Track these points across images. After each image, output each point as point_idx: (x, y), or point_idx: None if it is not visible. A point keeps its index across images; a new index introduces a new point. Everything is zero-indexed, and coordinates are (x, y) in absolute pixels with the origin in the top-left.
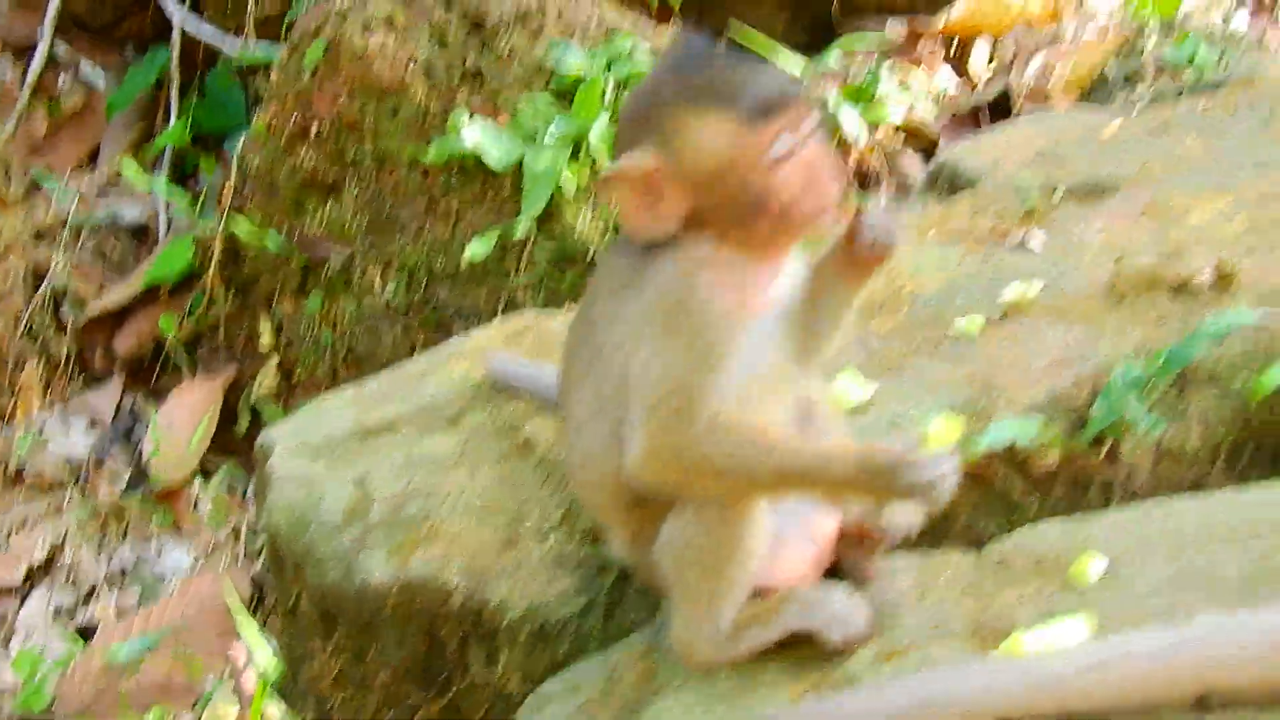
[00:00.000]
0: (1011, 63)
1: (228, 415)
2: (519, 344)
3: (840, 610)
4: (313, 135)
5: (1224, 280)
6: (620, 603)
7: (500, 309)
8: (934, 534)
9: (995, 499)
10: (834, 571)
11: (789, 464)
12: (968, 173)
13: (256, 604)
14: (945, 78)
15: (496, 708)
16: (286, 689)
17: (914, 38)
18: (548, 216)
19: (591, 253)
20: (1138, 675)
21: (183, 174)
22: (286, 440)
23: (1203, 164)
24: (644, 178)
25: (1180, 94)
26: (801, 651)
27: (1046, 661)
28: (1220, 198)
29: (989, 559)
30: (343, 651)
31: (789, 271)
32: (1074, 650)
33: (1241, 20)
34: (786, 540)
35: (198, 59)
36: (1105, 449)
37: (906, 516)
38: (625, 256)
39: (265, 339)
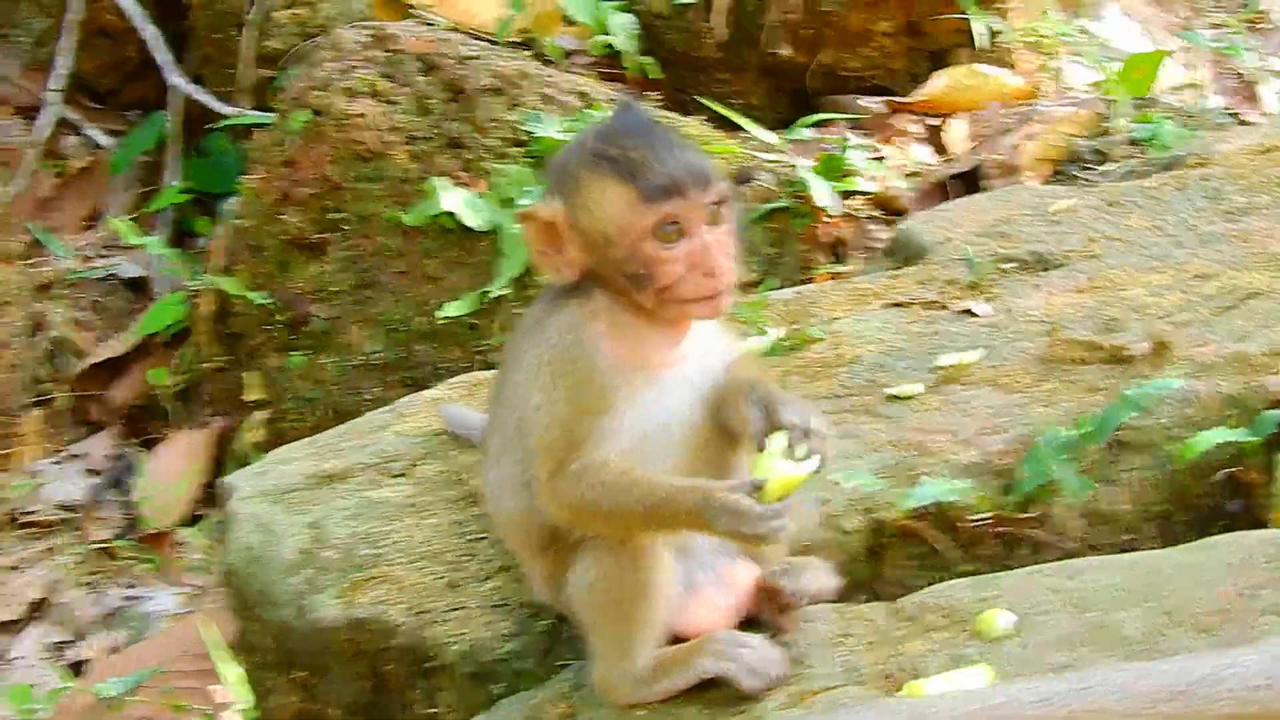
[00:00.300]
0: (983, 140)
1: (216, 465)
2: (477, 398)
3: (754, 657)
4: (297, 198)
5: (1158, 351)
6: (556, 644)
7: (477, 366)
8: (859, 588)
9: (926, 556)
10: (753, 621)
11: (647, 498)
12: (921, 243)
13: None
14: (921, 151)
15: None
16: None
17: (890, 113)
18: (525, 278)
19: None
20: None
21: (182, 233)
22: (247, 485)
23: (1146, 240)
24: (547, 225)
25: (1147, 171)
26: (717, 694)
27: (938, 703)
28: (1159, 273)
29: (903, 611)
30: (299, 688)
31: (699, 338)
32: (968, 694)
33: (1218, 99)
34: (701, 588)
35: (198, 122)
36: (1036, 511)
37: (818, 581)
38: (542, 302)
39: (253, 393)
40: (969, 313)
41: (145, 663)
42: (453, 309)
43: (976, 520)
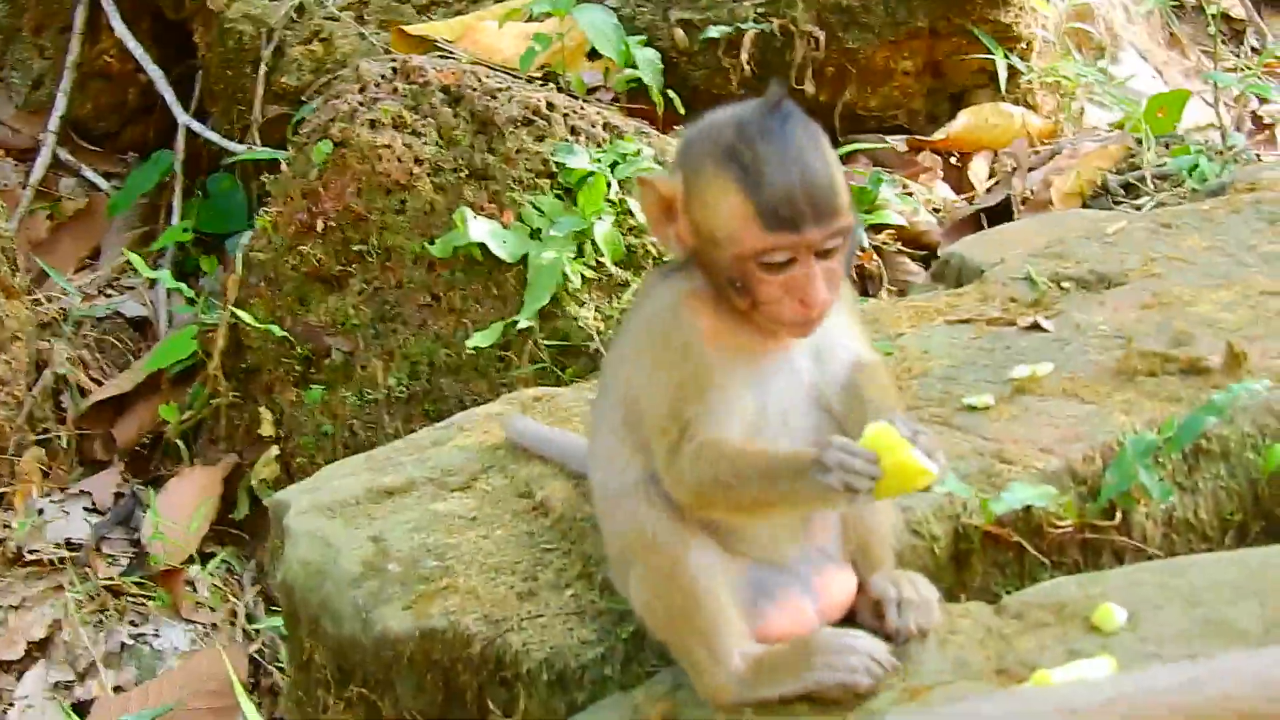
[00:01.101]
0: (1012, 173)
1: (227, 502)
2: (532, 413)
3: (862, 660)
4: (319, 230)
5: (1233, 362)
6: (639, 651)
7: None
8: (949, 594)
9: (1011, 563)
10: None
11: (761, 465)
12: (975, 265)
13: (254, 684)
14: (943, 189)
15: None
16: None
17: (912, 150)
18: (551, 310)
19: (594, 346)
20: (1163, 708)
21: (183, 272)
22: (301, 500)
23: (1206, 259)
24: (663, 198)
25: (1182, 201)
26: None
27: (1076, 691)
28: (1224, 290)
29: (1007, 610)
30: (356, 705)
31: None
32: (1100, 682)
33: (1239, 139)
34: (787, 595)
35: (200, 163)
36: (1118, 517)
37: (925, 616)
38: (656, 274)
39: (266, 428)
40: (1036, 327)
41: (159, 700)
42: (479, 339)
43: (1061, 527)
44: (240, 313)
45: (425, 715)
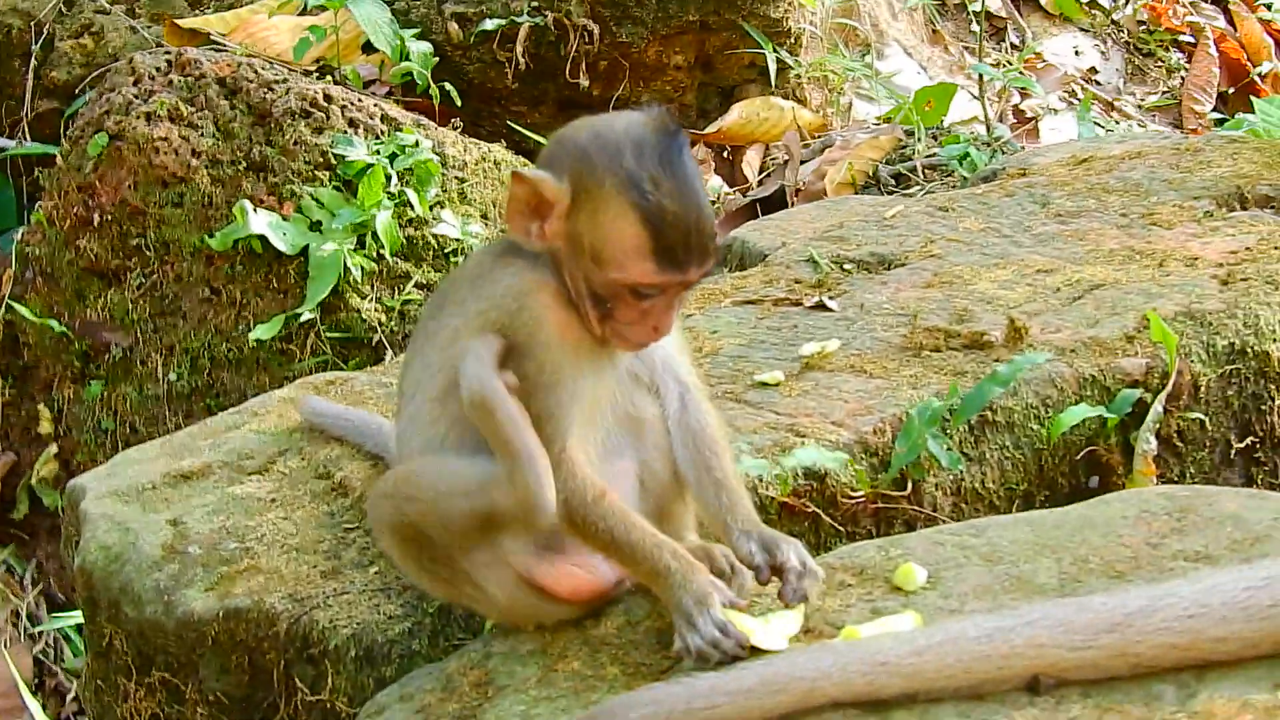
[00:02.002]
0: (785, 166)
1: (5, 502)
2: (328, 396)
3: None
4: (95, 224)
5: (1014, 336)
6: (446, 625)
7: None
8: None
9: (807, 532)
10: None
11: (621, 535)
12: (758, 249)
13: (39, 685)
14: (717, 182)
15: None
16: None
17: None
18: (333, 302)
19: (377, 337)
20: (971, 657)
21: None
22: (98, 486)
23: (983, 240)
24: (539, 196)
25: (953, 189)
26: (639, 653)
27: (886, 643)
28: (1002, 269)
29: None
30: (158, 690)
31: None
32: (909, 634)
33: (1003, 130)
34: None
35: None
36: (909, 487)
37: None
38: (489, 253)
39: (44, 426)
40: (822, 306)
41: None
42: (261, 332)
43: (854, 498)
44: (17, 307)
45: (230, 697)
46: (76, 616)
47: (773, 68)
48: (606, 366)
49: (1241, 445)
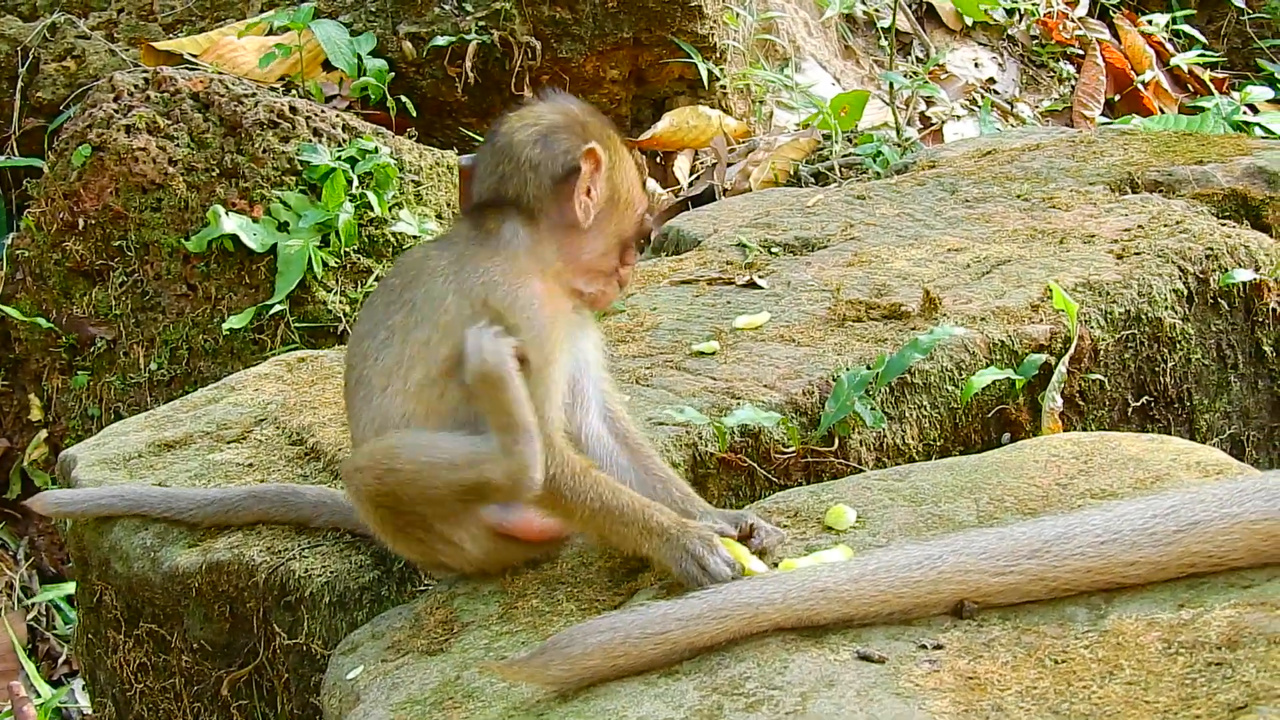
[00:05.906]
0: (713, 168)
1: (0, 483)
2: (299, 372)
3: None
4: (80, 228)
5: (929, 307)
6: (414, 573)
7: None
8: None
9: (744, 485)
10: None
11: (611, 503)
12: (692, 236)
13: (32, 650)
14: (652, 184)
15: (303, 665)
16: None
17: None
18: (301, 295)
19: (341, 326)
20: (902, 583)
21: None
22: (88, 455)
23: (898, 224)
24: (597, 167)
25: (870, 179)
26: (593, 590)
27: (821, 573)
28: (916, 249)
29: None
30: (145, 641)
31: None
32: (846, 563)
33: (912, 133)
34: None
35: None
36: (836, 444)
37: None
38: (446, 251)
39: (35, 413)
40: (752, 284)
41: None
42: (234, 322)
43: (787, 453)
44: (6, 308)
45: (213, 644)
46: (67, 588)
47: (703, 77)
48: (583, 342)
49: (1138, 403)
